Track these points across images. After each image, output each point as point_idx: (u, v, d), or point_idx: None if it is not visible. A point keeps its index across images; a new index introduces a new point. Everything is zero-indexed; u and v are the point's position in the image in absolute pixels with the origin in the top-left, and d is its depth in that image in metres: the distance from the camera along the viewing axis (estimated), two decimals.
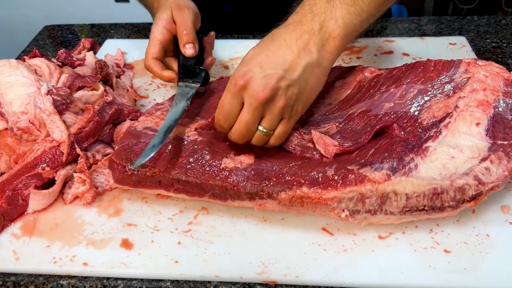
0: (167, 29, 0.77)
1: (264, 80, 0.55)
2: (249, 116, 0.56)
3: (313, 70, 0.58)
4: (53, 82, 0.71)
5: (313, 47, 0.58)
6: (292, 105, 0.57)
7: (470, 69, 0.67)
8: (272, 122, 0.57)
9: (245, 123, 0.57)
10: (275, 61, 0.56)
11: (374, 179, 0.54)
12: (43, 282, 0.56)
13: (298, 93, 0.57)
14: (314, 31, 0.58)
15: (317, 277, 0.53)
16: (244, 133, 0.58)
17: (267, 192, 0.56)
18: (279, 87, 0.55)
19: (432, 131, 0.60)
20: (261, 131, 0.58)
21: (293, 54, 0.57)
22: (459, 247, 0.55)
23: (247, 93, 0.55)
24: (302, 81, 0.57)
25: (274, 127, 0.58)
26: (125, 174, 0.61)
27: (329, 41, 0.59)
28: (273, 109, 0.56)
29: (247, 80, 0.55)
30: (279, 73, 0.55)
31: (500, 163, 0.55)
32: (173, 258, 0.56)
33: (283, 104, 0.56)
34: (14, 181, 0.62)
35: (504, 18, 1.06)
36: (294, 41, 0.57)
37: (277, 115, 0.57)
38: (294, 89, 0.56)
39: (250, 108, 0.56)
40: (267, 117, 0.57)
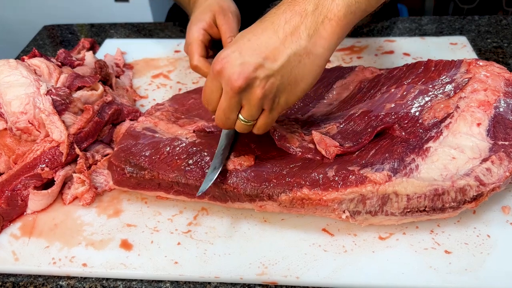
0: (206, 31, 0.73)
1: (239, 68, 0.50)
2: (226, 104, 0.53)
3: (300, 59, 0.51)
4: (53, 82, 0.71)
5: (304, 32, 0.51)
6: (272, 97, 0.52)
7: (471, 69, 0.67)
8: (251, 113, 0.53)
9: (223, 110, 0.54)
10: (256, 47, 0.51)
11: (375, 180, 0.53)
12: (42, 283, 0.55)
13: (279, 85, 0.52)
14: (307, 12, 0.51)
15: (318, 278, 0.53)
16: (224, 120, 0.55)
17: (267, 194, 0.56)
18: (256, 76, 0.50)
19: (433, 132, 0.59)
20: (241, 120, 0.54)
21: (278, 40, 0.51)
22: (460, 248, 0.55)
23: (223, 79, 0.52)
24: (285, 72, 0.51)
25: (255, 118, 0.54)
26: (124, 176, 0.61)
27: (325, 24, 0.51)
28: (251, 99, 0.52)
29: (223, 66, 0.51)
30: (257, 61, 0.50)
31: (501, 164, 0.55)
32: (173, 259, 0.56)
33: (260, 95, 0.51)
34: (13, 182, 0.62)
35: (505, 18, 1.06)
36: (282, 24, 0.51)
37: (256, 106, 0.52)
38: (274, 80, 0.51)
39: (226, 96, 0.52)
40: (245, 107, 0.53)
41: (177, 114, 0.71)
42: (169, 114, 0.71)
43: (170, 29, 1.10)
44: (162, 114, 0.70)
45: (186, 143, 0.63)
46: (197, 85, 0.86)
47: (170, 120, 0.69)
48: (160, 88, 0.87)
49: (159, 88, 0.87)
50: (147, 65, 0.94)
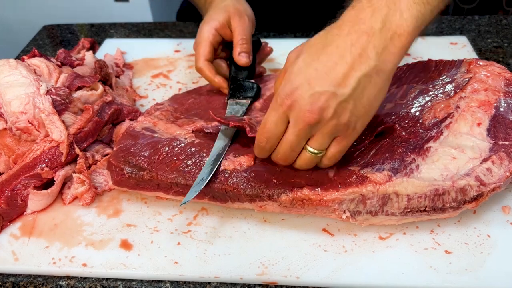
0: (218, 31, 0.73)
1: (311, 99, 0.48)
2: (293, 137, 0.51)
3: (371, 79, 0.49)
4: (52, 82, 0.71)
5: (372, 51, 0.48)
6: (346, 122, 0.50)
7: (471, 69, 0.67)
8: (322, 142, 0.52)
9: (290, 144, 0.52)
10: (325, 75, 0.49)
11: (375, 180, 0.53)
12: (42, 283, 0.55)
13: (353, 109, 0.50)
14: (374, 30, 0.48)
15: (318, 278, 0.53)
16: (288, 153, 0.53)
17: (267, 194, 0.56)
18: (329, 106, 0.49)
19: (434, 132, 0.59)
20: (310, 152, 0.53)
21: (347, 65, 0.48)
22: (460, 248, 0.55)
23: (293, 113, 0.50)
24: (357, 95, 0.49)
25: (325, 147, 0.53)
26: (123, 177, 0.61)
27: (394, 40, 0.49)
28: (323, 129, 0.50)
29: (294, 100, 0.49)
30: (328, 90, 0.48)
31: (502, 164, 0.55)
32: (173, 259, 0.56)
33: (334, 123, 0.50)
34: (13, 182, 0.62)
35: (505, 17, 1.06)
36: (348, 48, 0.49)
37: (328, 134, 0.51)
38: (347, 105, 0.49)
39: (295, 129, 0.51)
40: (316, 136, 0.51)
41: (177, 114, 0.71)
42: (168, 114, 0.71)
43: (170, 29, 1.10)
44: (161, 114, 0.70)
45: (184, 144, 0.63)
46: (197, 85, 0.86)
47: (169, 120, 0.69)
48: (160, 88, 0.87)
49: (159, 88, 0.87)
50: (147, 65, 0.94)
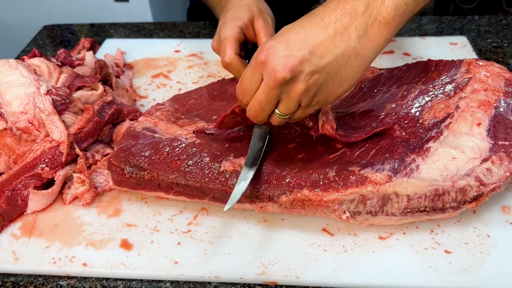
0: (243, 30, 0.71)
1: (285, 60, 0.48)
2: (264, 96, 0.51)
3: (348, 60, 0.50)
4: (53, 82, 0.71)
5: (353, 32, 0.49)
6: (313, 94, 0.51)
7: (471, 69, 0.67)
8: (290, 107, 0.52)
9: (259, 102, 0.52)
10: (304, 40, 0.49)
11: (375, 180, 0.53)
12: (42, 283, 0.55)
13: (323, 82, 0.50)
14: (357, 13, 0.50)
15: (318, 278, 0.53)
16: (258, 111, 0.53)
17: (267, 196, 0.56)
18: (301, 70, 0.49)
19: (433, 132, 0.59)
20: (277, 115, 0.54)
21: (328, 37, 0.49)
22: (460, 248, 0.55)
23: (266, 70, 0.50)
24: (330, 70, 0.50)
25: (291, 112, 0.53)
26: (123, 177, 0.61)
27: (374, 26, 0.50)
28: (291, 93, 0.51)
29: (267, 56, 0.49)
30: (304, 54, 0.49)
31: (502, 164, 0.55)
32: (173, 259, 0.56)
33: (302, 90, 0.50)
34: (13, 181, 0.62)
35: (505, 18, 1.06)
36: (332, 22, 0.50)
37: (295, 100, 0.51)
38: (318, 77, 0.50)
39: (266, 87, 0.51)
40: (284, 101, 0.52)
41: (177, 114, 0.71)
42: (169, 114, 0.71)
43: (170, 29, 1.10)
44: (162, 114, 0.70)
45: (185, 144, 0.63)
46: (197, 85, 0.86)
47: (170, 120, 0.69)
48: (160, 88, 0.87)
49: (159, 88, 0.87)
50: (147, 65, 0.94)
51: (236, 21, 0.70)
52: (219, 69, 0.91)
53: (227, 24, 0.71)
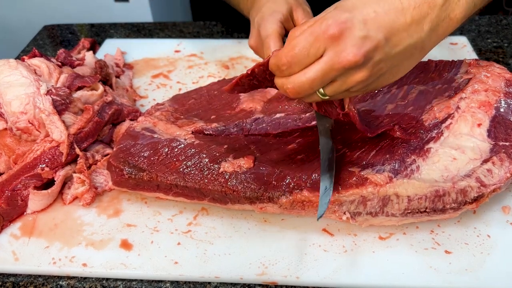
0: (283, 24, 0.66)
1: (361, 42, 0.43)
2: (320, 74, 0.44)
3: (414, 52, 0.47)
4: (53, 82, 0.71)
5: (427, 25, 0.46)
6: (368, 83, 0.47)
7: (472, 70, 0.67)
8: (339, 91, 0.46)
9: (312, 80, 0.45)
10: (382, 22, 0.44)
11: (375, 181, 0.53)
12: (42, 283, 0.55)
13: (384, 72, 0.46)
14: (435, 4, 0.46)
15: (318, 278, 0.53)
16: (305, 89, 0.46)
17: (267, 197, 0.56)
18: (372, 57, 0.44)
19: (434, 132, 0.59)
20: (320, 95, 0.47)
21: (404, 24, 0.45)
22: (460, 248, 0.55)
23: (335, 47, 0.43)
24: (396, 61, 0.46)
25: (336, 95, 0.47)
26: (122, 177, 0.61)
27: (444, 22, 0.47)
28: (349, 78, 0.45)
29: (342, 31, 0.43)
30: (380, 40, 0.44)
31: (502, 165, 0.55)
32: (173, 259, 0.56)
33: (363, 77, 0.45)
34: (13, 182, 0.62)
35: (505, 18, 1.06)
36: (411, 8, 0.45)
37: (349, 85, 0.46)
38: (383, 66, 0.45)
39: (327, 66, 0.44)
40: (336, 83, 0.46)
41: (177, 114, 0.71)
42: (169, 114, 0.71)
43: (170, 29, 1.10)
44: (161, 114, 0.70)
45: (184, 145, 0.63)
46: (197, 85, 0.86)
47: (169, 120, 0.69)
48: (160, 88, 0.87)
49: (159, 88, 0.87)
50: (147, 65, 0.94)
51: (275, 15, 0.66)
52: (219, 69, 0.91)
53: (266, 19, 0.66)
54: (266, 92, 0.75)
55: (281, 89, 0.48)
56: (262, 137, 0.64)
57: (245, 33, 1.04)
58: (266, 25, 0.65)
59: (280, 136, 0.64)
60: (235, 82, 0.54)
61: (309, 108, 0.68)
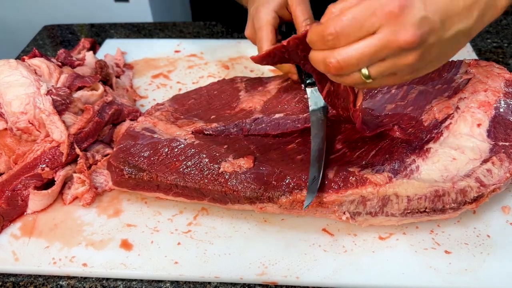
0: (277, 13, 0.65)
1: (420, 22, 0.41)
2: (372, 51, 0.42)
3: (461, 39, 0.46)
4: (53, 82, 0.71)
5: (476, 11, 0.45)
6: (416, 68, 0.45)
7: (471, 70, 0.67)
8: (385, 73, 0.44)
9: (361, 56, 0.42)
10: (440, 4, 0.42)
11: (375, 181, 0.53)
12: (42, 283, 0.55)
13: (433, 58, 0.45)
14: None
15: (318, 278, 0.53)
16: (351, 65, 0.43)
17: (267, 197, 0.56)
18: (426, 40, 0.42)
19: (433, 132, 0.59)
20: (362, 75, 0.44)
21: (458, 8, 0.44)
22: (460, 248, 0.55)
23: (392, 24, 0.41)
24: (445, 46, 0.45)
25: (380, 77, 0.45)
26: (122, 177, 0.61)
27: (490, 10, 0.46)
28: (400, 60, 0.43)
29: (402, 9, 0.41)
30: (436, 22, 0.42)
31: (502, 165, 0.55)
32: (173, 259, 0.56)
33: (413, 61, 0.43)
34: (13, 182, 0.62)
35: (504, 18, 1.06)
36: None
37: (396, 68, 0.44)
38: (434, 51, 0.44)
39: (381, 43, 0.41)
40: (385, 63, 0.43)
41: (177, 114, 0.71)
42: (169, 114, 0.71)
43: (170, 29, 1.10)
44: (161, 114, 0.70)
45: (184, 145, 0.63)
46: (197, 85, 0.86)
47: (169, 120, 0.69)
48: (160, 88, 0.87)
49: (159, 88, 0.87)
50: (147, 65, 0.94)
51: (269, 5, 0.66)
52: (219, 69, 0.92)
53: (260, 10, 0.65)
54: (266, 92, 0.75)
55: (319, 63, 0.45)
56: (262, 137, 0.65)
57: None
58: (260, 16, 0.65)
59: (279, 136, 0.64)
60: (267, 53, 0.51)
61: (308, 108, 0.68)
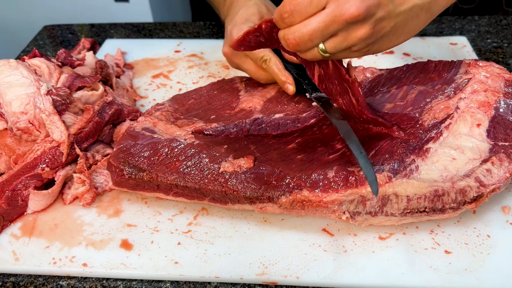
0: None
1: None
2: (321, 26, 0.44)
3: (419, 13, 0.47)
4: (53, 82, 0.71)
5: None
6: (372, 41, 0.47)
7: (471, 70, 0.67)
8: (340, 47, 0.46)
9: (312, 31, 0.45)
10: None
11: None
12: (42, 283, 0.56)
13: (387, 32, 0.47)
14: None
15: (318, 278, 0.53)
16: (305, 40, 0.46)
17: (267, 197, 0.56)
18: (374, 13, 0.44)
19: (433, 132, 0.59)
20: (320, 50, 0.47)
21: None
22: (460, 248, 0.55)
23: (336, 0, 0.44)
24: (401, 20, 0.46)
25: (337, 52, 0.47)
26: (122, 177, 0.61)
27: None
28: (351, 34, 0.45)
29: None
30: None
31: (501, 165, 0.55)
32: (173, 259, 0.56)
33: (365, 35, 0.45)
34: (13, 182, 0.62)
35: (504, 18, 1.06)
36: None
37: (350, 42, 0.46)
38: (386, 24, 0.46)
39: (328, 18, 0.44)
40: (337, 38, 0.46)
41: (177, 114, 0.71)
42: (169, 114, 0.71)
43: (170, 29, 1.10)
44: (161, 114, 0.70)
45: (184, 145, 0.63)
46: (197, 85, 0.86)
47: (169, 120, 0.69)
48: (160, 88, 0.87)
49: (159, 88, 0.87)
50: (147, 65, 0.94)
51: (247, 23, 0.67)
52: (219, 69, 0.92)
53: (237, 28, 0.67)
54: (266, 92, 0.75)
55: (282, 41, 0.48)
56: (262, 137, 0.65)
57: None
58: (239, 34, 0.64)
59: (279, 136, 0.64)
60: (241, 38, 0.53)
61: (308, 108, 0.68)
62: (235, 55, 0.70)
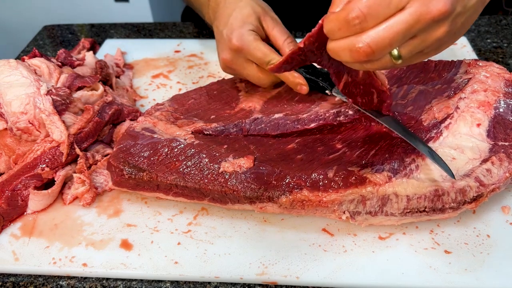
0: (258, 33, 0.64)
1: None
2: (404, 28, 0.39)
3: (479, 7, 0.44)
4: (53, 82, 0.71)
5: None
6: (444, 42, 0.43)
7: (471, 70, 0.67)
8: (415, 51, 0.41)
9: (393, 35, 0.39)
10: None
11: (375, 181, 0.54)
12: (42, 283, 0.56)
13: (458, 29, 0.43)
14: None
15: (318, 278, 0.53)
16: (383, 47, 0.39)
17: (267, 196, 0.56)
18: (454, 9, 0.40)
19: (433, 132, 0.59)
20: (393, 56, 0.41)
21: None
22: (460, 248, 0.55)
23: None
24: (471, 14, 0.43)
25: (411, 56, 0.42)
26: (122, 177, 0.61)
27: None
28: (430, 34, 0.41)
29: None
30: None
31: (501, 165, 0.55)
32: (173, 259, 0.56)
33: (443, 33, 0.41)
34: (13, 182, 0.62)
35: (504, 18, 1.06)
36: None
37: (427, 43, 0.41)
38: (459, 20, 0.42)
39: (412, 18, 0.38)
40: (415, 40, 0.41)
41: (177, 114, 0.71)
42: (169, 114, 0.71)
43: (170, 29, 1.10)
44: (161, 114, 0.70)
45: (184, 145, 0.63)
46: (197, 85, 0.86)
47: (169, 120, 0.69)
48: (160, 88, 0.87)
49: (159, 88, 0.87)
50: (147, 65, 0.94)
51: (246, 26, 0.64)
52: (219, 69, 0.91)
53: (237, 33, 0.63)
54: (266, 92, 0.75)
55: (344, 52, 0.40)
56: (262, 137, 0.65)
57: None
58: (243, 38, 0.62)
59: (279, 136, 0.64)
60: (285, 59, 0.48)
61: (308, 108, 0.68)
62: (236, 61, 0.67)
